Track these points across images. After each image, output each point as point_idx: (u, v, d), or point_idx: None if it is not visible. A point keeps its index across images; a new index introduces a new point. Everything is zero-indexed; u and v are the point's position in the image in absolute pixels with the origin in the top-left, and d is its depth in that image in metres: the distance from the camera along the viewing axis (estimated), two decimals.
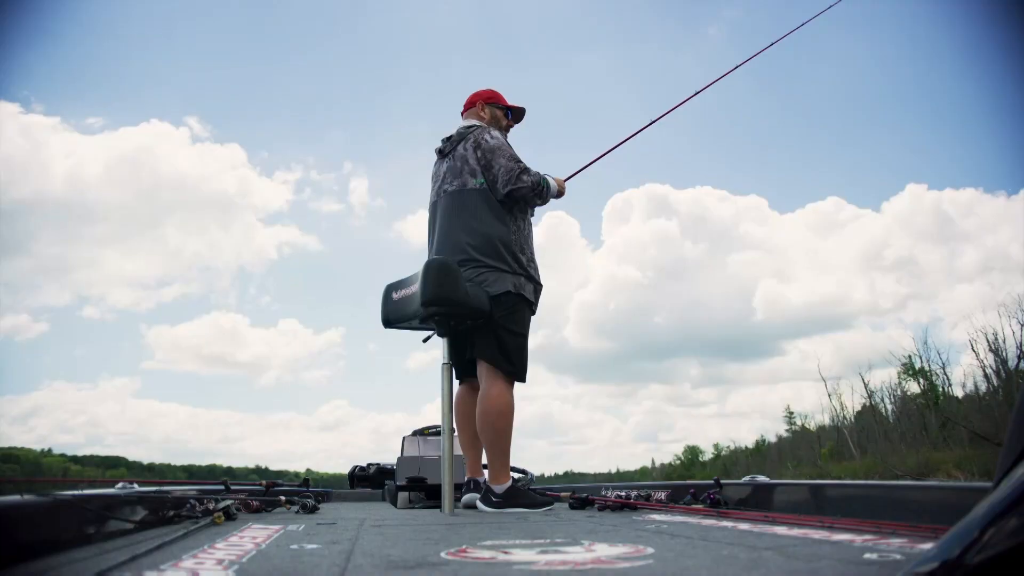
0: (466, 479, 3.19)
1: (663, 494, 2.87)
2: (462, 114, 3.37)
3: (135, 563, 1.14)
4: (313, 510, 2.62)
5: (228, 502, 2.25)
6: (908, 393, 22.39)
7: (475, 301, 2.78)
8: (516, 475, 3.82)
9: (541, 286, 3.11)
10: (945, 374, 20.76)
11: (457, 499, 2.99)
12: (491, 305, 2.86)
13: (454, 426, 2.95)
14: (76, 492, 1.65)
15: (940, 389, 20.72)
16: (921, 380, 21.12)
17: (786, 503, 2.29)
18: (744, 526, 1.79)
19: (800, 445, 29.44)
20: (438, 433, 4.25)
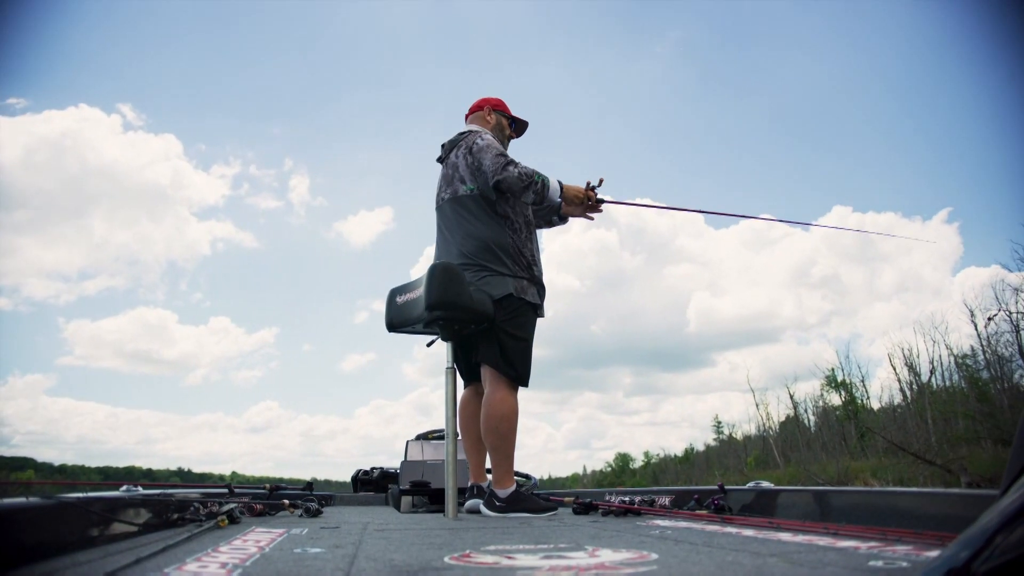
0: (469, 484, 3.19)
1: (667, 500, 2.86)
2: (466, 117, 3.37)
3: (139, 566, 1.14)
4: (316, 514, 2.62)
5: (232, 505, 2.25)
6: (829, 405, 23.18)
7: (479, 305, 2.78)
8: (519, 480, 3.81)
9: (544, 288, 3.10)
10: (864, 387, 21.49)
11: (460, 504, 2.99)
12: (494, 309, 2.86)
13: (458, 430, 2.94)
14: (81, 495, 1.66)
15: (859, 402, 21.38)
16: (842, 392, 21.86)
17: (790, 509, 2.28)
18: (748, 532, 1.78)
19: (727, 453, 30.40)
20: (442, 437, 4.25)
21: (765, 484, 2.53)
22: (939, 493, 1.82)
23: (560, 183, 3.07)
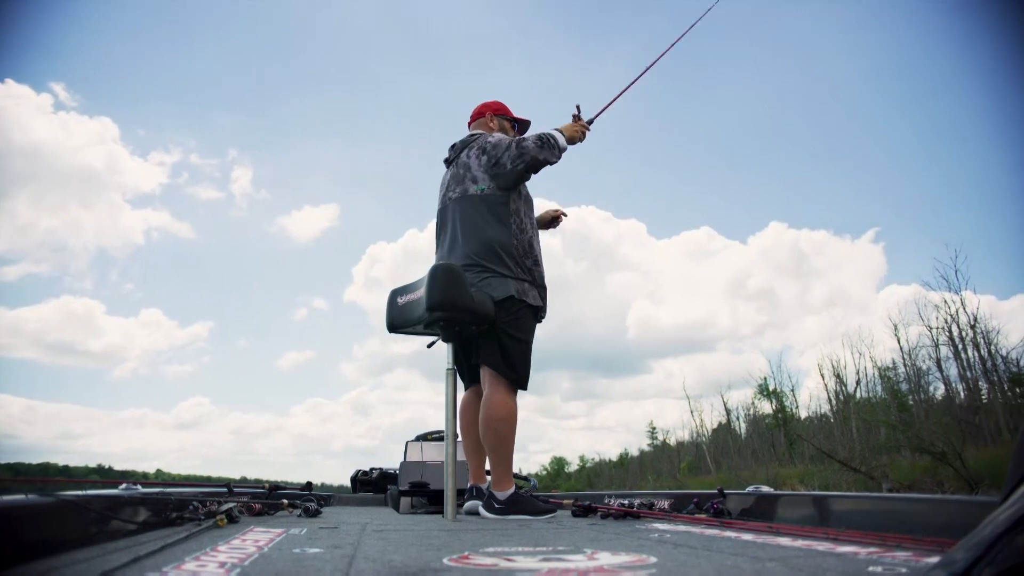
0: (469, 486, 3.19)
1: (666, 503, 2.86)
2: (469, 124, 3.41)
3: (138, 564, 1.14)
4: (315, 514, 2.61)
5: (231, 505, 2.25)
6: (760, 413, 24.17)
7: (480, 307, 2.78)
8: (518, 482, 3.81)
9: (545, 290, 3.11)
10: (794, 396, 22.43)
11: (460, 505, 2.98)
12: (495, 310, 2.86)
13: (458, 431, 2.94)
14: (80, 492, 1.66)
15: (789, 410, 22.20)
16: (773, 401, 22.90)
17: (790, 514, 2.27)
18: (747, 537, 1.78)
19: (661, 459, 31.29)
20: (441, 438, 4.25)
21: (765, 489, 2.52)
22: (939, 499, 1.82)
23: (559, 130, 3.14)
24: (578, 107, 3.28)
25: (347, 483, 4.98)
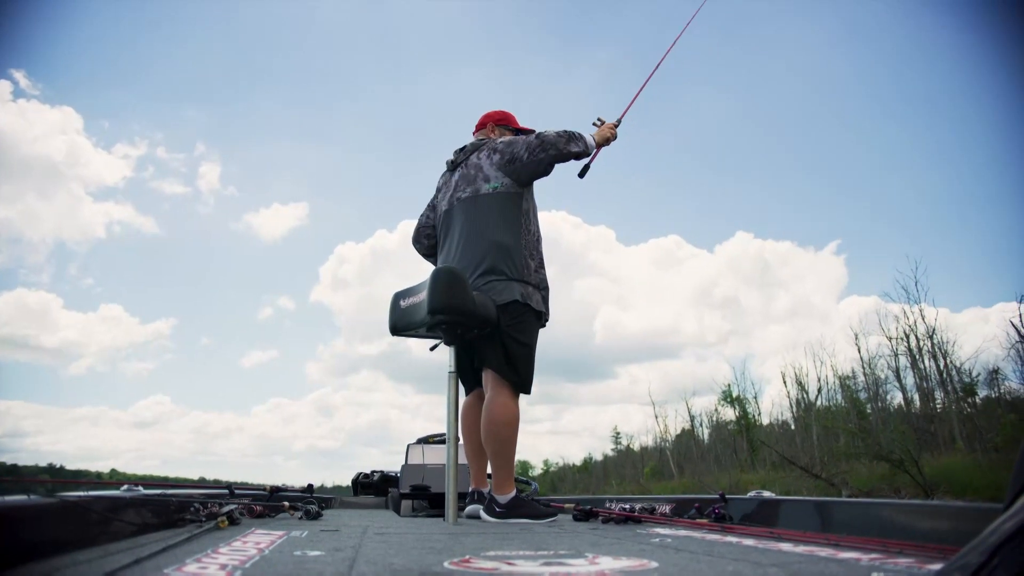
0: (470, 489, 3.18)
1: (667, 507, 2.85)
2: (473, 134, 3.43)
3: (139, 566, 1.15)
4: (316, 516, 2.62)
5: (232, 507, 2.26)
6: (723, 419, 25.37)
7: (482, 310, 2.78)
8: (520, 486, 3.81)
9: (548, 292, 3.11)
10: (756, 403, 22.89)
11: (461, 508, 2.98)
12: (498, 314, 2.86)
13: (459, 435, 2.94)
14: (81, 493, 1.66)
15: (751, 417, 22.54)
16: (736, 407, 23.40)
17: (791, 519, 2.27)
18: (749, 542, 1.77)
19: (624, 463, 31.58)
20: (443, 441, 4.25)
21: (767, 494, 2.52)
22: (942, 506, 1.81)
23: (591, 136, 3.20)
24: (599, 118, 3.33)
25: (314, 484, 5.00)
